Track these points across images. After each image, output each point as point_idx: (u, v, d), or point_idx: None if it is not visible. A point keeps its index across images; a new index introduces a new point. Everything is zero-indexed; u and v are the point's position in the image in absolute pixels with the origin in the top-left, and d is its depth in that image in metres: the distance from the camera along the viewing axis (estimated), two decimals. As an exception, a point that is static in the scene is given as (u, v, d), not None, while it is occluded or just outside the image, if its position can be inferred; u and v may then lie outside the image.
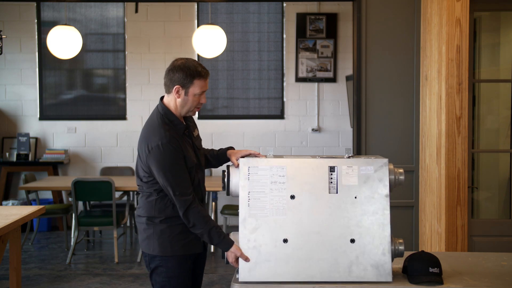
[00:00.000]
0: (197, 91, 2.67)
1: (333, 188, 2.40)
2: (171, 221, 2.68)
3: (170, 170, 2.59)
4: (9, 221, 3.36)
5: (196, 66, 2.68)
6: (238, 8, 7.51)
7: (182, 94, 2.67)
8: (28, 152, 7.21)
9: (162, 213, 2.68)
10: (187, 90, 2.67)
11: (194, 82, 2.66)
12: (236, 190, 2.46)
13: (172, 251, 2.69)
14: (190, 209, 2.58)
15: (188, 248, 2.72)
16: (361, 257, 2.36)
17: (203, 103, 2.73)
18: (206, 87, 2.72)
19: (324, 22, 7.38)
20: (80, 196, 5.64)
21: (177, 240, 2.69)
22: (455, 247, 3.67)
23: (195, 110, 2.74)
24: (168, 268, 2.70)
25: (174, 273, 2.70)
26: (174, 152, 2.60)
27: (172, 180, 2.58)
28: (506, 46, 4.36)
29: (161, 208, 2.69)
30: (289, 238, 2.38)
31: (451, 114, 3.66)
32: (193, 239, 2.72)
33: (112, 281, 5.13)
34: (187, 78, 2.65)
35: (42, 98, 7.50)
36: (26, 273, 5.32)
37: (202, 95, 2.71)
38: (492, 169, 4.40)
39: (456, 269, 2.54)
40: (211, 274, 5.34)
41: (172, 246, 2.69)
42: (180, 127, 2.71)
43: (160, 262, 2.70)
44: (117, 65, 7.57)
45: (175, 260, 2.69)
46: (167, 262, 2.70)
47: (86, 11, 7.52)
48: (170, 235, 2.68)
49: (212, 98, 7.55)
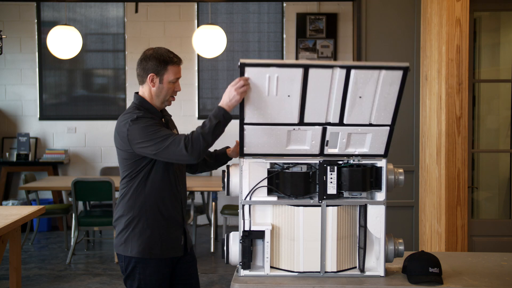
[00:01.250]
0: (172, 78, 2.67)
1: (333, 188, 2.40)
2: (151, 220, 2.65)
3: (153, 133, 2.51)
4: (9, 221, 3.35)
5: (168, 53, 2.69)
6: (238, 8, 7.51)
7: (156, 82, 2.66)
8: (28, 152, 7.21)
9: (134, 212, 2.65)
10: (162, 78, 2.66)
11: (168, 69, 2.66)
12: (236, 190, 2.46)
13: (150, 253, 2.65)
14: (185, 141, 2.45)
15: (169, 251, 2.69)
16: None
17: (178, 91, 2.72)
18: (180, 74, 2.71)
19: (324, 22, 7.38)
20: (80, 196, 5.64)
21: (157, 241, 2.66)
22: (455, 247, 3.67)
23: (170, 99, 2.72)
24: (145, 274, 2.66)
25: (150, 278, 2.66)
26: (151, 120, 2.57)
27: (156, 137, 2.49)
28: (506, 46, 4.36)
29: (130, 207, 2.65)
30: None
31: (451, 114, 3.66)
32: (173, 241, 2.70)
33: (112, 281, 5.13)
34: (161, 65, 2.65)
35: (42, 98, 7.51)
36: (26, 273, 5.32)
37: (176, 83, 2.70)
38: (492, 169, 4.40)
39: (456, 269, 2.54)
40: (211, 274, 5.34)
41: (151, 248, 2.65)
42: (157, 114, 2.69)
43: (137, 268, 2.66)
44: (117, 65, 7.58)
45: (153, 264, 2.66)
46: (145, 266, 2.65)
47: (86, 11, 7.52)
48: (150, 236, 2.65)
49: (212, 98, 7.55)
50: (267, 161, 2.43)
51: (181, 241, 2.75)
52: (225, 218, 6.16)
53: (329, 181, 2.39)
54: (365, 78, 2.24)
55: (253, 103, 2.30)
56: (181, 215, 2.76)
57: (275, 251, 2.43)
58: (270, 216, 2.43)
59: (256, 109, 2.31)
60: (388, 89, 2.27)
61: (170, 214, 2.70)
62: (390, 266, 2.50)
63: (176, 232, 2.74)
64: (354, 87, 2.26)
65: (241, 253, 2.38)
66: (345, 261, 2.44)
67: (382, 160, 2.42)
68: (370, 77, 2.24)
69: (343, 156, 2.42)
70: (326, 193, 2.39)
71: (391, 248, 2.42)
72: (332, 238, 2.39)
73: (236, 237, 2.44)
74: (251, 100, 2.29)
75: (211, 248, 6.10)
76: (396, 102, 2.32)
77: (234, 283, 2.33)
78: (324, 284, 2.32)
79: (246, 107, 2.31)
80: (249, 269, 2.39)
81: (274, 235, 2.42)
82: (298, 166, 2.44)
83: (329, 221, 2.39)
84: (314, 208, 2.39)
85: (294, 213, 2.39)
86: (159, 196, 2.67)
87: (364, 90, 2.27)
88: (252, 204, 2.41)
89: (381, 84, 2.26)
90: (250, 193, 2.39)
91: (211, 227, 6.21)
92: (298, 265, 2.40)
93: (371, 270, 2.44)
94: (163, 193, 2.68)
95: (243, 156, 2.41)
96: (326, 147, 2.40)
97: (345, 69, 2.22)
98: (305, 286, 2.30)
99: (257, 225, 2.40)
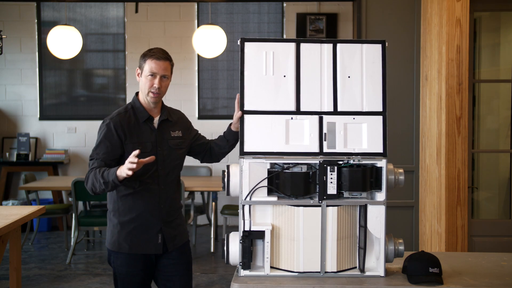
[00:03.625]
0: (147, 72, 2.72)
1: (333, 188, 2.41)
2: (123, 216, 2.76)
3: (95, 147, 2.77)
4: (9, 221, 3.35)
5: (153, 49, 2.76)
6: (238, 8, 7.51)
7: (140, 76, 2.78)
8: (28, 152, 7.21)
9: (112, 205, 2.79)
10: (142, 71, 2.76)
11: (146, 62, 2.73)
12: (236, 190, 2.46)
13: (119, 247, 2.76)
14: (85, 177, 2.70)
15: (137, 248, 2.76)
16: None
17: (156, 87, 2.72)
18: (159, 70, 2.72)
19: (324, 22, 7.38)
20: (80, 196, 5.64)
21: (126, 237, 2.75)
22: (455, 247, 3.67)
23: (150, 94, 2.74)
24: (116, 264, 2.79)
25: (121, 269, 2.78)
26: (107, 129, 2.73)
27: (92, 153, 2.75)
28: (506, 46, 4.36)
29: (110, 200, 2.80)
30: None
31: (451, 114, 3.66)
32: (146, 239, 2.76)
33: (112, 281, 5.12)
34: (142, 59, 2.75)
35: (42, 98, 7.51)
36: (26, 273, 5.32)
37: (154, 78, 2.72)
38: (492, 169, 4.40)
39: (456, 269, 2.54)
40: (211, 274, 5.34)
41: (120, 243, 2.76)
42: (142, 115, 2.77)
43: (111, 257, 2.80)
44: (117, 65, 7.58)
45: (123, 257, 2.76)
46: (116, 258, 2.78)
47: (86, 11, 7.52)
48: (120, 231, 2.76)
49: (212, 98, 7.55)
50: (267, 161, 2.43)
51: (157, 239, 2.79)
52: (225, 218, 6.16)
53: (329, 181, 2.39)
54: (350, 53, 2.46)
55: (252, 85, 2.43)
56: (157, 214, 2.79)
57: (275, 251, 2.43)
58: (270, 216, 2.43)
59: (255, 92, 2.44)
60: (372, 67, 2.46)
61: (141, 212, 2.76)
62: (390, 266, 2.50)
63: (150, 231, 2.78)
64: (342, 64, 2.45)
65: (241, 253, 2.38)
66: (345, 261, 2.44)
67: (382, 160, 2.42)
68: (354, 52, 2.46)
69: (343, 156, 2.43)
70: (326, 193, 2.39)
71: (391, 248, 2.42)
72: (332, 238, 2.39)
73: (236, 237, 2.44)
74: (251, 81, 2.43)
75: (211, 248, 6.10)
76: (382, 84, 2.47)
77: (234, 283, 2.33)
78: (324, 284, 2.32)
79: (245, 91, 2.44)
80: (249, 269, 2.39)
81: (274, 235, 2.42)
82: (298, 166, 2.44)
83: (329, 221, 2.39)
84: (314, 208, 2.39)
85: (294, 213, 2.39)
86: (131, 193, 2.75)
87: (352, 68, 2.46)
88: (252, 204, 2.41)
89: (365, 61, 2.46)
90: (250, 193, 2.40)
91: (211, 227, 6.21)
92: (298, 265, 2.40)
93: (371, 270, 2.44)
94: (136, 192, 2.75)
95: (243, 156, 2.41)
96: (325, 142, 2.41)
97: (332, 44, 2.47)
98: (305, 286, 2.30)
99: (257, 225, 2.40)
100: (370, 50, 2.48)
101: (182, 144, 2.89)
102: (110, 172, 2.58)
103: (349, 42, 2.49)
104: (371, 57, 2.47)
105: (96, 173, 2.63)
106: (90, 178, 2.65)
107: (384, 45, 2.47)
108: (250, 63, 2.45)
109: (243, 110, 2.44)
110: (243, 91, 2.45)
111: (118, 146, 2.73)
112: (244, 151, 2.42)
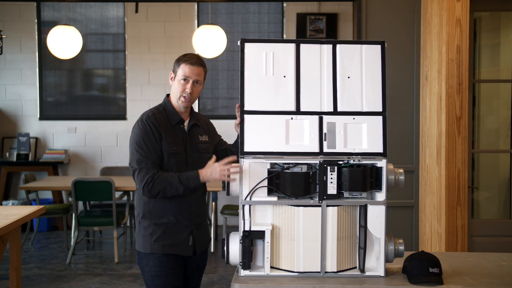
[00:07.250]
0: (180, 76, 2.74)
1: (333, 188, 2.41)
2: (155, 218, 2.75)
3: (138, 146, 2.67)
4: (9, 221, 3.36)
5: (188, 54, 2.79)
6: (238, 8, 7.51)
7: (173, 80, 2.80)
8: (28, 152, 7.21)
9: (142, 208, 2.77)
10: (175, 76, 2.78)
11: (180, 66, 2.75)
12: (236, 190, 2.46)
13: (152, 249, 2.74)
14: (147, 180, 2.64)
15: (169, 249, 2.75)
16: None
17: (188, 91, 2.74)
18: (192, 75, 2.74)
19: (324, 22, 7.38)
20: (80, 196, 5.64)
21: (158, 239, 2.74)
22: (455, 247, 3.67)
23: (182, 99, 2.76)
24: (149, 266, 2.76)
25: (154, 270, 2.75)
26: (148, 128, 2.69)
27: (135, 152, 2.67)
28: (506, 46, 4.36)
29: (140, 204, 2.78)
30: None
31: (451, 114, 3.66)
32: (178, 241, 2.76)
33: (112, 281, 5.13)
34: (176, 63, 2.78)
35: (42, 98, 7.51)
36: (26, 273, 5.32)
37: (187, 83, 2.74)
38: (492, 169, 4.40)
39: (456, 269, 2.54)
40: (211, 274, 5.34)
41: (152, 245, 2.74)
42: (174, 117, 2.78)
43: (143, 260, 2.77)
44: (117, 65, 7.58)
45: (156, 258, 2.74)
46: (148, 260, 2.75)
47: (86, 11, 7.52)
48: (153, 233, 2.74)
49: (212, 98, 7.55)
50: (267, 161, 2.43)
51: (188, 241, 2.79)
52: (225, 218, 6.16)
53: (329, 181, 2.39)
54: (349, 54, 2.45)
55: (252, 85, 2.43)
56: (188, 216, 2.79)
57: (275, 251, 2.43)
58: (270, 216, 2.43)
59: (255, 93, 2.43)
60: (372, 68, 2.46)
61: (173, 215, 2.76)
62: (390, 266, 2.50)
63: (183, 233, 2.78)
64: (341, 65, 2.44)
65: (241, 253, 2.38)
66: (345, 261, 2.44)
67: (382, 160, 2.42)
68: (353, 53, 2.46)
69: (343, 156, 2.43)
70: (326, 193, 2.39)
71: (391, 248, 2.42)
72: (332, 238, 2.39)
73: (236, 237, 2.44)
74: (251, 81, 2.43)
75: (211, 248, 6.10)
76: (382, 84, 2.46)
77: (234, 283, 2.33)
78: (324, 284, 2.32)
79: (245, 91, 2.44)
80: (249, 269, 2.39)
81: (274, 235, 2.42)
82: (298, 166, 2.44)
83: (329, 221, 2.39)
84: (314, 208, 2.39)
85: (294, 213, 2.39)
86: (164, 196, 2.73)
87: (351, 68, 2.45)
88: (252, 204, 2.41)
89: (364, 61, 2.45)
90: (250, 193, 2.40)
91: (211, 227, 6.21)
92: (298, 265, 2.40)
93: (371, 270, 2.44)
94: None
95: (243, 156, 2.41)
96: (325, 142, 2.41)
97: (331, 44, 2.46)
98: (305, 286, 2.30)
99: (257, 225, 2.40)
100: (369, 51, 2.48)
101: (208, 148, 2.91)
102: (190, 178, 2.65)
103: (349, 43, 2.49)
104: (370, 58, 2.47)
105: (168, 179, 2.64)
106: (157, 183, 2.63)
107: (383, 46, 2.48)
108: (250, 63, 2.45)
109: (243, 110, 2.44)
110: (243, 91, 2.45)
111: (159, 144, 2.72)
112: (244, 151, 2.42)
